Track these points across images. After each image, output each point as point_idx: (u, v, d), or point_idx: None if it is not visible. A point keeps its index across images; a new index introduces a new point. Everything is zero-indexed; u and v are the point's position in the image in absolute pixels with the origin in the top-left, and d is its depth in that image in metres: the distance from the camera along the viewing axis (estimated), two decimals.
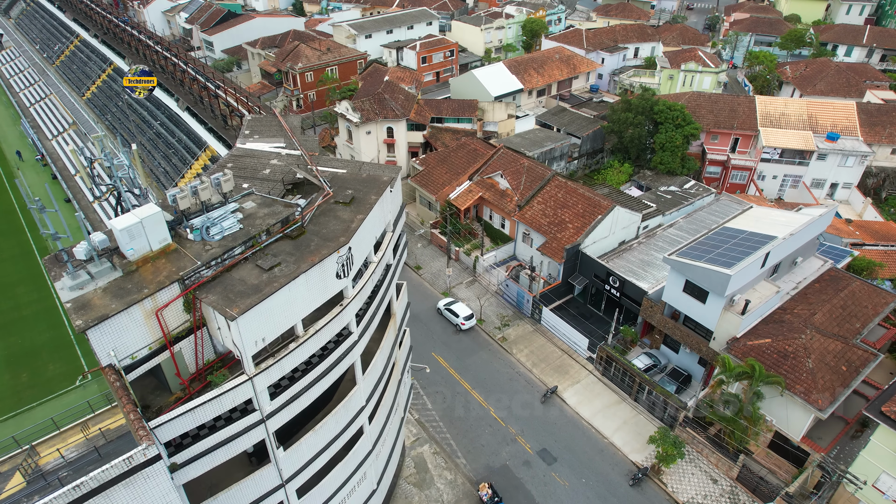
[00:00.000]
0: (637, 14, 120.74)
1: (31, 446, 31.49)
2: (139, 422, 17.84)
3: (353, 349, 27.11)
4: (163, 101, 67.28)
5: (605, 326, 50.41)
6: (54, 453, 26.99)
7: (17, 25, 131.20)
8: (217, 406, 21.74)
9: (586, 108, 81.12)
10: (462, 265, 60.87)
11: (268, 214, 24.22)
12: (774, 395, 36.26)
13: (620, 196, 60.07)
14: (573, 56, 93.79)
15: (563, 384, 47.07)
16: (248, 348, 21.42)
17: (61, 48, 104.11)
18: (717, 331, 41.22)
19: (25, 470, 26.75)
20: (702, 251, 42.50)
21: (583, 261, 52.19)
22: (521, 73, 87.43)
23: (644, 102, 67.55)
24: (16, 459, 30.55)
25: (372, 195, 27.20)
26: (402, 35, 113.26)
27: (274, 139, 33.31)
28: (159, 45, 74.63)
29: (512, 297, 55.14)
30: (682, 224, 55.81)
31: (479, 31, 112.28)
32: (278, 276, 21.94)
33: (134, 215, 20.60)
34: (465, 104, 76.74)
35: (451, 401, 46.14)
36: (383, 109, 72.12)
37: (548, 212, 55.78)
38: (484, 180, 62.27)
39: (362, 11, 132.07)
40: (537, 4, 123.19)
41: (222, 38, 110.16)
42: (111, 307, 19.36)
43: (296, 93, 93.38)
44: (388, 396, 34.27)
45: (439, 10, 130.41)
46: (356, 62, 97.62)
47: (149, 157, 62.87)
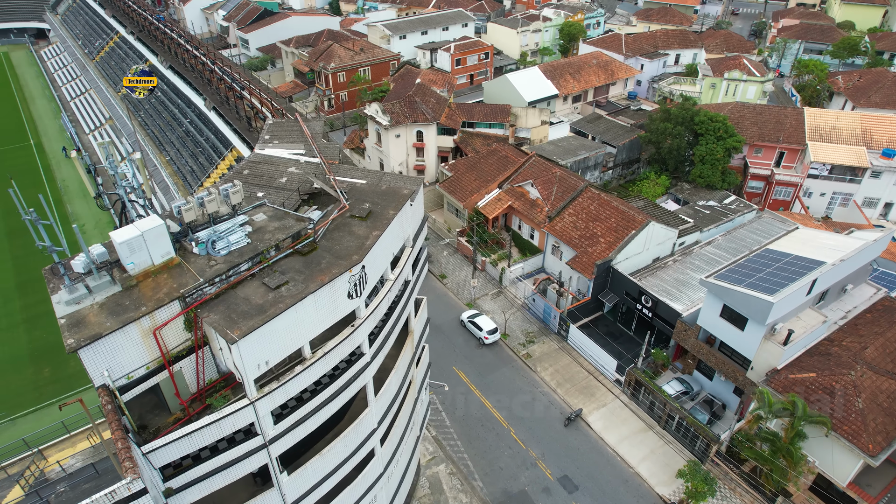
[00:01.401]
0: (679, 19, 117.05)
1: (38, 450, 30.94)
2: (126, 451, 16.68)
3: (364, 371, 25.68)
4: (192, 99, 67.33)
5: (635, 348, 48.02)
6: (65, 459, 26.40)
7: (63, 21, 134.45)
8: (216, 430, 20.55)
9: (623, 117, 78.43)
10: (488, 276, 59.08)
11: (278, 228, 22.94)
12: (818, 435, 33.52)
13: (656, 210, 57.49)
14: (611, 62, 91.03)
15: (589, 407, 44.91)
16: (249, 372, 20.15)
17: (101, 44, 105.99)
18: (755, 360, 38.57)
19: (27, 480, 26.12)
20: (742, 274, 39.88)
21: (614, 277, 49.89)
22: (556, 77, 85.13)
23: (684, 112, 64.68)
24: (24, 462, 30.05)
25: (390, 209, 25.71)
26: (437, 36, 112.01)
27: (294, 145, 32.16)
28: (189, 44, 74.85)
29: (538, 311, 53.14)
30: (720, 242, 52.96)
31: (515, 33, 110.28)
32: (285, 296, 20.62)
33: (135, 227, 19.53)
34: (498, 109, 74.91)
35: (471, 419, 44.44)
36: (413, 113, 70.81)
37: (579, 224, 53.61)
38: (514, 189, 60.39)
39: (398, 12, 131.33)
40: (576, 8, 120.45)
41: (257, 36, 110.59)
42: (106, 325, 18.29)
43: (327, 93, 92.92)
44: (402, 416, 32.77)
45: (475, 12, 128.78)
46: (389, 63, 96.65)
47: (177, 155, 62.89)
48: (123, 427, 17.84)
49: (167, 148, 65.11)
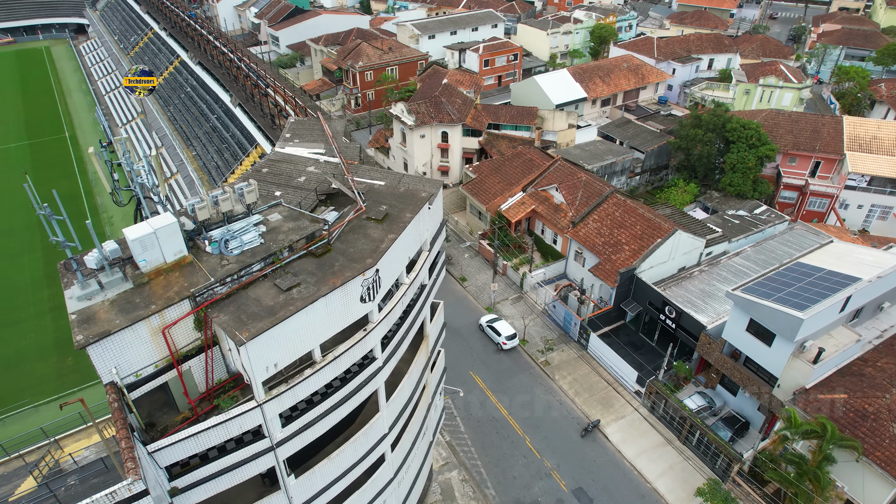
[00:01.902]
0: (714, 23, 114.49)
1: (55, 440, 31.27)
2: (129, 451, 16.54)
3: (376, 376, 25.28)
4: (220, 95, 68.02)
5: (656, 359, 46.80)
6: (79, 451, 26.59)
7: (101, 17, 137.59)
8: (223, 432, 20.34)
9: (652, 122, 76.83)
10: (508, 280, 58.34)
11: (292, 229, 22.67)
12: (848, 459, 32.08)
13: (683, 218, 56.05)
14: (642, 65, 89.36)
15: (607, 418, 43.90)
16: (257, 374, 19.89)
17: (136, 40, 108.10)
18: (782, 378, 37.15)
19: (41, 471, 26.36)
20: (771, 288, 38.46)
21: (637, 286, 48.73)
22: (585, 80, 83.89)
23: (715, 119, 62.99)
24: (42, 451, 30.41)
25: (407, 212, 25.27)
26: (466, 37, 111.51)
27: (314, 144, 31.96)
28: (218, 40, 75.65)
29: (559, 318, 52.22)
30: (749, 253, 51.33)
31: (545, 35, 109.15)
32: (296, 299, 20.31)
33: (148, 225, 19.42)
34: (525, 111, 74.06)
35: (486, 425, 43.82)
36: (439, 113, 70.41)
37: (603, 231, 52.54)
38: (538, 192, 59.55)
39: (428, 11, 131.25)
40: (608, 10, 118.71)
41: (288, 34, 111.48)
42: (115, 323, 18.21)
43: (354, 91, 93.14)
44: (415, 421, 32.34)
45: (506, 13, 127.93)
46: (417, 63, 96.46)
47: (203, 150, 63.60)
48: (129, 426, 17.72)
49: (194, 143, 65.92)
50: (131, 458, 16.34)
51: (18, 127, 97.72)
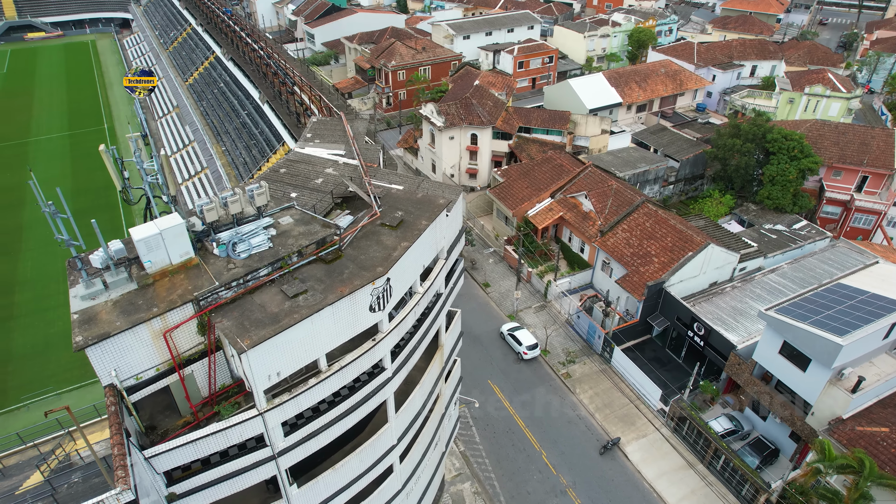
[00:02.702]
0: (759, 28, 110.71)
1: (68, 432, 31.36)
2: (121, 459, 16.10)
3: (385, 387, 24.54)
4: (251, 92, 68.45)
5: (682, 377, 45.03)
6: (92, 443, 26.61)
7: (144, 12, 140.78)
8: (222, 439, 19.87)
9: (689, 129, 74.44)
10: (532, 288, 57.07)
11: (303, 233, 22.09)
12: (889, 500, 30.02)
13: (717, 231, 53.92)
14: (681, 71, 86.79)
15: (627, 436, 42.37)
16: (259, 382, 19.35)
17: (175, 35, 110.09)
18: (817, 406, 35.14)
19: (49, 465, 26.39)
20: (808, 310, 36.45)
21: (665, 300, 46.99)
22: (621, 85, 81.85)
23: (756, 128, 60.51)
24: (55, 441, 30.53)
25: (423, 219, 24.45)
26: (502, 38, 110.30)
27: (335, 145, 31.42)
28: (249, 37, 76.19)
29: (582, 330, 50.78)
30: (786, 271, 49.01)
31: (581, 38, 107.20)
32: (301, 306, 19.70)
33: (154, 226, 19.05)
34: (557, 115, 72.56)
35: (502, 437, 42.76)
36: (469, 115, 69.50)
37: (632, 241, 50.87)
38: (567, 199, 58.14)
39: (464, 11, 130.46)
40: (648, 14, 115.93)
41: (323, 31, 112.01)
42: (116, 325, 17.86)
43: (386, 90, 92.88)
44: (426, 432, 31.52)
45: (543, 14, 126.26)
46: (450, 63, 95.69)
47: (232, 146, 64.06)
48: (124, 431, 17.32)
49: (224, 138, 66.47)
50: (122, 465, 15.90)
51: (61, 117, 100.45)
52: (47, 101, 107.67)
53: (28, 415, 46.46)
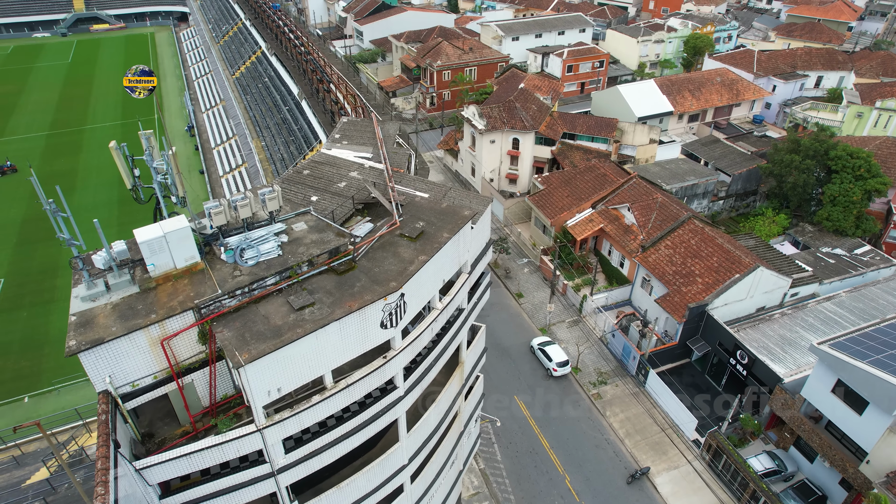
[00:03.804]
0: (827, 36, 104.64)
1: (84, 423, 31.28)
2: (104, 474, 15.27)
3: (396, 405, 23.25)
4: (292, 88, 68.52)
5: (721, 407, 42.22)
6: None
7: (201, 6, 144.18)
8: (218, 454, 18.95)
9: (744, 142, 70.62)
10: (567, 302, 54.91)
11: (315, 242, 20.99)
12: None
13: (768, 252, 50.59)
14: (738, 80, 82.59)
15: (658, 466, 39.93)
16: (257, 398, 18.33)
17: (227, 29, 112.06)
18: (873, 454, 32.03)
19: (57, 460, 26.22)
20: (868, 347, 33.33)
21: (707, 324, 44.22)
22: (673, 93, 78.45)
23: (817, 144, 56.61)
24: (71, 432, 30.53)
25: (445, 231, 23.01)
26: (552, 40, 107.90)
27: (362, 147, 30.35)
28: (292, 33, 76.33)
29: (616, 349, 48.41)
30: (844, 300, 45.42)
31: (634, 42, 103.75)
32: (307, 320, 18.58)
33: (159, 228, 18.27)
34: (603, 122, 69.96)
35: (524, 456, 40.99)
36: (512, 119, 67.70)
37: (675, 259, 48.18)
38: (608, 211, 55.75)
39: (515, 12, 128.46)
40: (706, 19, 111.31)
41: (372, 29, 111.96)
42: (111, 330, 17.12)
43: (430, 90, 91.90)
44: (442, 451, 30.11)
45: (595, 17, 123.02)
46: (496, 65, 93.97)
47: (272, 141, 64.19)
48: (113, 442, 16.54)
49: (264, 133, 66.72)
50: (103, 481, 15.06)
51: (115, 107, 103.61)
52: (104, 91, 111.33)
53: (59, 398, 47.38)
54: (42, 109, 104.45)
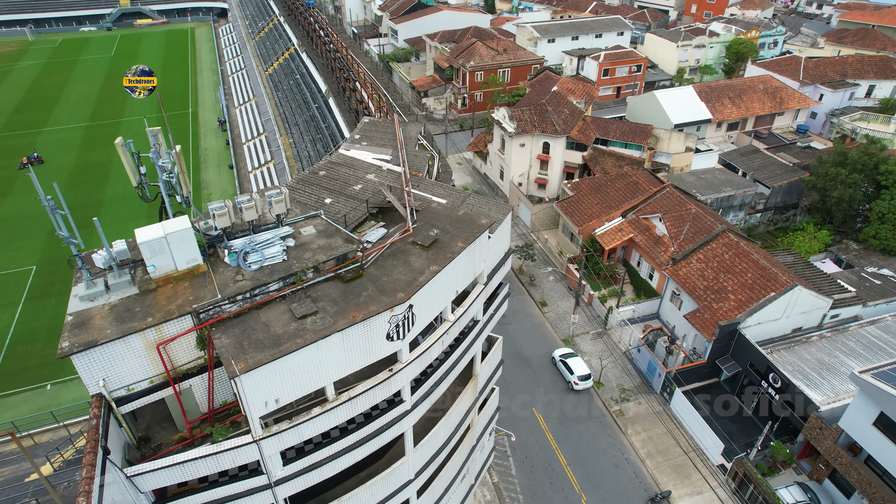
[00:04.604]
0: (882, 43, 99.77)
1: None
2: (87, 483, 14.70)
3: (402, 420, 22.31)
4: (321, 86, 68.38)
5: (750, 432, 40.20)
6: None
7: (239, 2, 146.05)
8: (212, 464, 18.31)
9: (785, 153, 67.64)
10: (592, 313, 53.23)
11: (322, 247, 20.18)
12: None
13: (808, 270, 48.06)
14: (782, 88, 79.28)
15: (679, 491, 38.13)
16: (253, 409, 17.61)
17: (262, 25, 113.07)
18: None
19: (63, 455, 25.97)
20: None
21: (739, 343, 42.14)
22: (712, 100, 75.73)
23: (867, 157, 53.69)
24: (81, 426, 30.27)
25: (460, 241, 21.97)
26: (588, 43, 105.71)
27: (382, 149, 29.52)
28: (322, 30, 76.22)
29: (641, 365, 46.62)
30: (890, 324, 42.76)
31: (674, 47, 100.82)
32: (308, 330, 17.78)
33: (160, 228, 17.69)
34: (638, 128, 67.86)
35: (540, 472, 39.65)
36: (543, 122, 66.20)
37: (707, 273, 46.13)
38: (639, 220, 53.87)
39: (552, 14, 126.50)
40: (750, 24, 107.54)
41: (407, 28, 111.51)
42: (106, 332, 16.59)
43: (462, 91, 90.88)
44: (452, 465, 29.12)
45: (634, 21, 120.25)
46: (530, 67, 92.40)
47: (300, 138, 64.08)
48: (102, 448, 16.00)
49: (292, 130, 66.72)
50: (86, 491, 14.48)
51: (152, 100, 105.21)
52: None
53: (78, 387, 47.83)
54: (83, 101, 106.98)
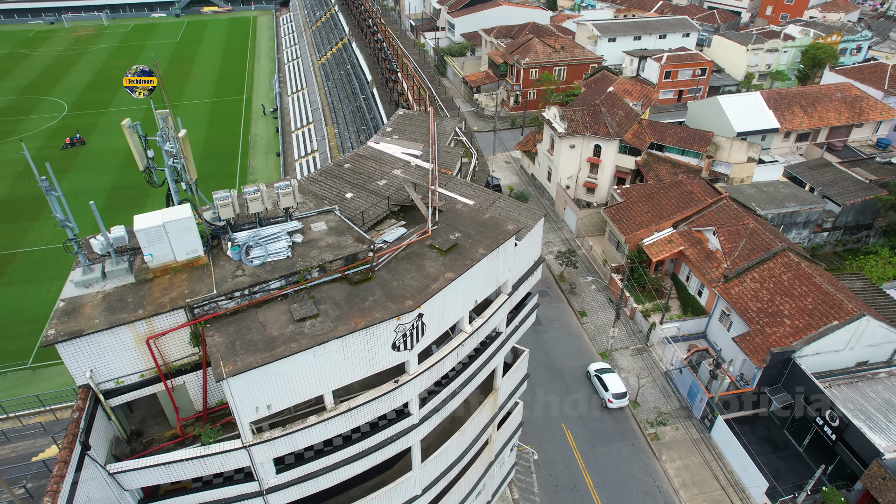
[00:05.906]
0: None
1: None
2: (57, 482, 13.86)
3: (408, 434, 20.90)
4: (369, 77, 67.65)
5: (800, 472, 36.76)
6: None
7: None
8: (200, 466, 17.38)
9: (861, 168, 62.37)
10: (634, 327, 50.39)
11: (331, 245, 18.89)
12: None
13: (878, 298, 43.79)
14: (862, 98, 73.37)
15: None
16: (243, 413, 16.54)
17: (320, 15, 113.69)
18: None
19: None
20: None
21: (792, 373, 38.65)
22: (781, 108, 70.81)
23: None
24: None
25: (482, 247, 20.29)
26: (651, 43, 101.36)
27: (412, 144, 28.08)
28: (371, 20, 75.37)
29: (682, 387, 43.63)
30: None
31: (743, 50, 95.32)
32: (305, 334, 16.53)
33: (159, 216, 16.78)
34: (697, 135, 64.04)
35: (564, 493, 37.51)
36: (595, 124, 63.35)
37: (762, 294, 42.66)
38: (691, 232, 50.58)
39: (616, 13, 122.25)
40: (831, 28, 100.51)
41: (464, 22, 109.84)
42: (94, 322, 15.79)
43: (515, 88, 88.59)
44: (465, 482, 27.56)
45: (702, 22, 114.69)
46: (588, 66, 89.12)
47: (344, 129, 63.55)
48: (81, 444, 15.19)
49: (338, 120, 66.30)
50: (53, 491, 13.63)
51: (209, 85, 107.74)
52: (202, 70, 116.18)
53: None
54: None
